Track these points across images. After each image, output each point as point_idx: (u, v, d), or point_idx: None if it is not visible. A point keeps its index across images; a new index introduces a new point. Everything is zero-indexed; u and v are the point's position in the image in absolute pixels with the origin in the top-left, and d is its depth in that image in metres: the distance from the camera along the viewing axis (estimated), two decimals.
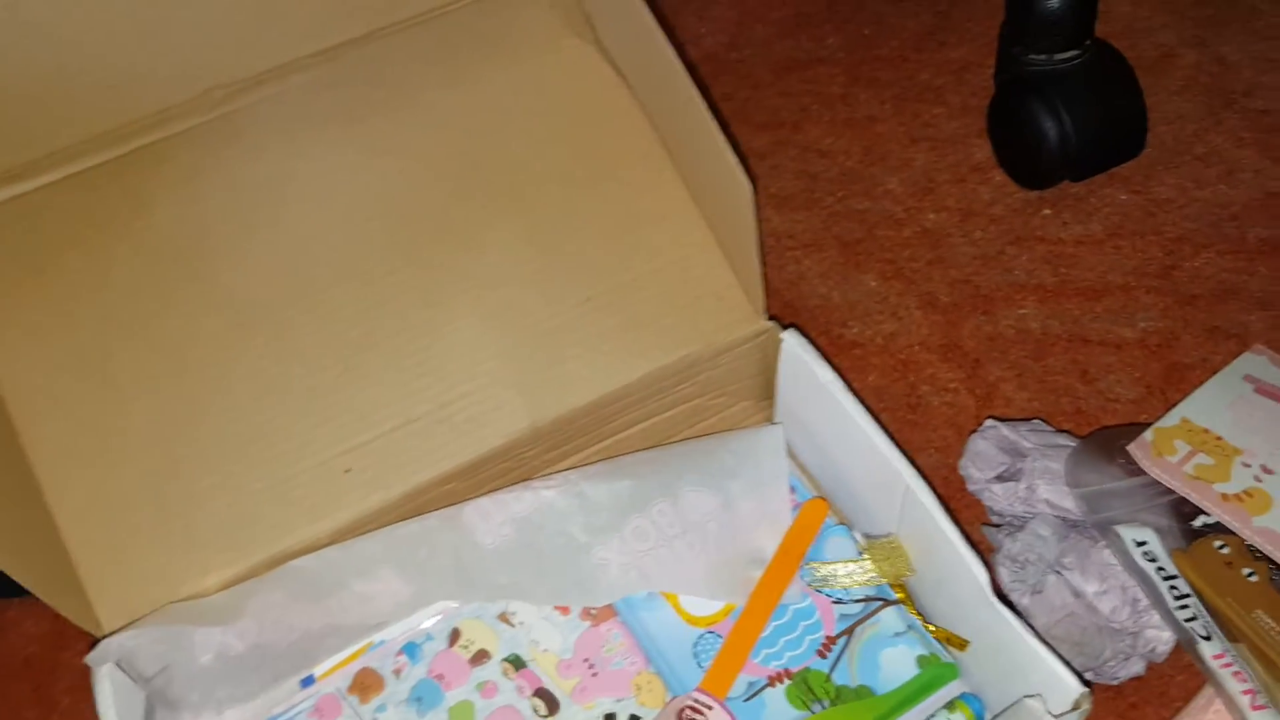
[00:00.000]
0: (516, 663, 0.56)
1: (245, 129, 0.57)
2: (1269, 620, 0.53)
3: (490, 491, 0.57)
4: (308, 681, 0.56)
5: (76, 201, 0.56)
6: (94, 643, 0.50)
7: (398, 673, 0.56)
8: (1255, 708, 0.50)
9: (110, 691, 0.48)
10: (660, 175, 0.60)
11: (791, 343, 0.57)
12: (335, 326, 0.56)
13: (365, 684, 0.56)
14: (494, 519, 0.55)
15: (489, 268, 0.57)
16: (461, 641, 0.57)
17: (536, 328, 0.57)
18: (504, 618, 0.57)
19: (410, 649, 0.56)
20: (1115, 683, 0.55)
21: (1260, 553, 0.55)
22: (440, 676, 0.56)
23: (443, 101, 0.60)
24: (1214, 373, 0.64)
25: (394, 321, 0.56)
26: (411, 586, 0.55)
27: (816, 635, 0.55)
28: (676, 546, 0.57)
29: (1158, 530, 0.56)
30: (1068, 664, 0.45)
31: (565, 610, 0.57)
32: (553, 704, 0.55)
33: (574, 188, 0.59)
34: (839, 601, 0.56)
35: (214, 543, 0.52)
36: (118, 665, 0.49)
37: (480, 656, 0.56)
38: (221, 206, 0.57)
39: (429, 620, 0.57)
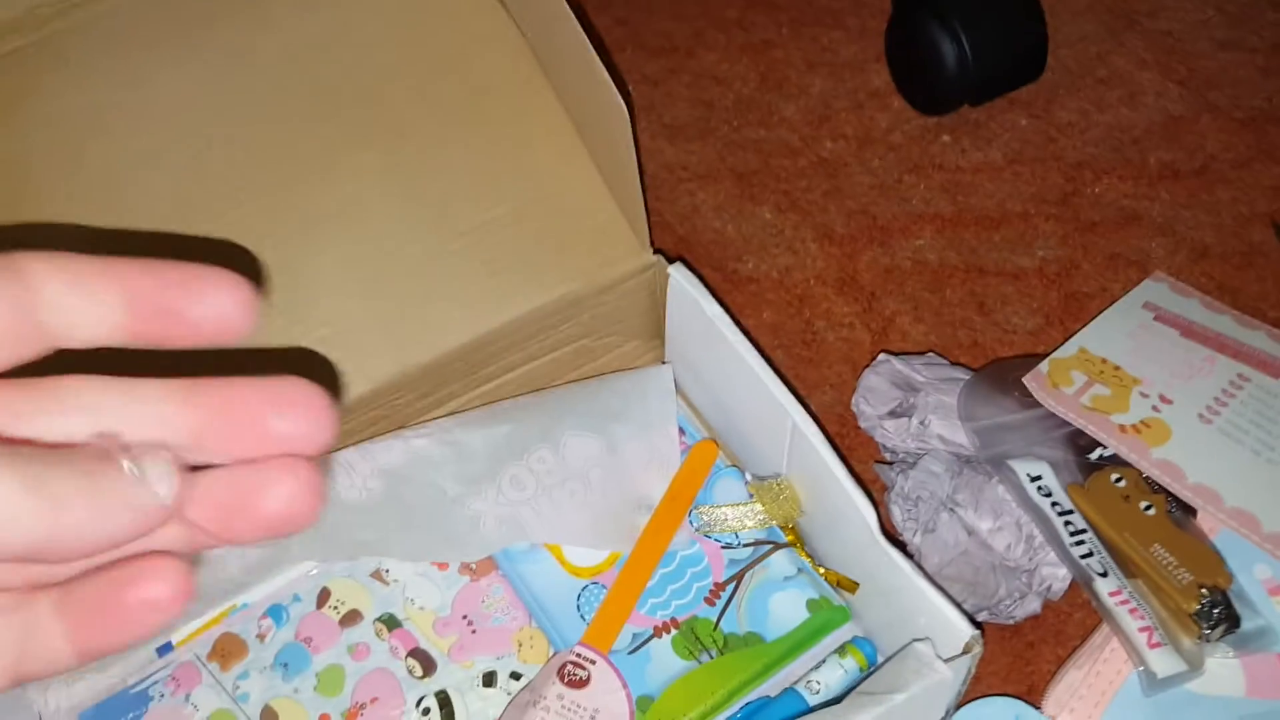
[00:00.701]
0: (390, 622, 0.53)
1: (73, 51, 0.52)
2: (1167, 554, 0.51)
3: (358, 443, 0.53)
4: (164, 649, 0.52)
5: None
6: None
7: (262, 637, 0.52)
8: (1152, 645, 0.48)
9: None
10: (537, 100, 0.56)
11: (678, 278, 0.54)
12: None
13: (226, 650, 0.52)
14: (359, 471, 0.52)
15: (348, 201, 0.53)
16: (331, 602, 0.53)
17: (403, 266, 0.53)
18: (377, 575, 0.54)
19: (275, 611, 0.53)
20: (1011, 622, 0.53)
21: (1158, 485, 0.54)
22: (308, 640, 0.53)
23: (292, 18, 0.55)
24: (1114, 301, 0.63)
25: None
26: (265, 546, 0.51)
27: (705, 582, 0.53)
28: (556, 495, 0.54)
29: (1053, 464, 0.55)
30: (959, 606, 0.44)
31: (443, 566, 0.54)
32: (429, 664, 0.52)
33: (442, 114, 0.55)
34: (728, 546, 0.53)
35: None
36: None
37: (351, 617, 0.53)
38: (49, 136, 0.52)
39: (297, 580, 0.54)
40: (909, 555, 0.45)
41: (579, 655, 0.50)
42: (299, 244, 0.52)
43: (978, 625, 0.43)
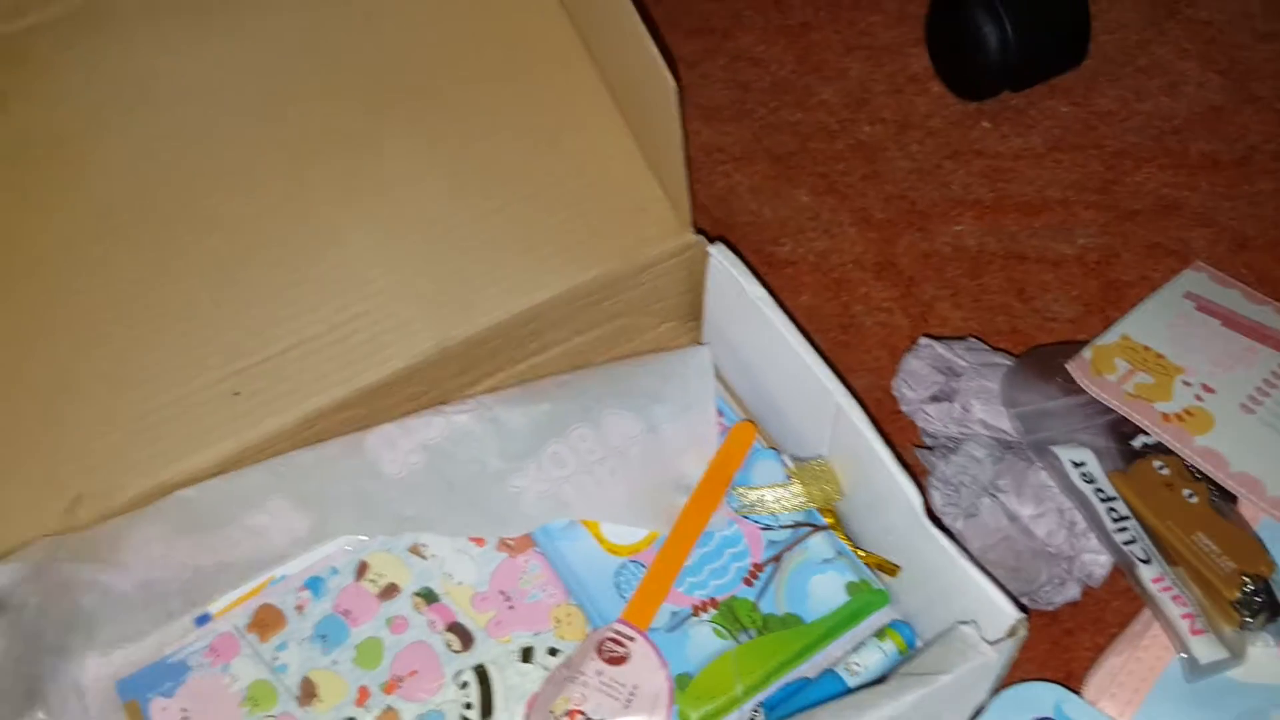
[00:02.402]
0: (428, 596, 0.53)
1: (110, 18, 0.52)
2: (1209, 543, 0.51)
3: (399, 418, 0.53)
4: (203, 620, 0.52)
5: None
6: None
7: (300, 609, 0.52)
8: (1194, 632, 0.48)
9: None
10: (578, 73, 0.56)
11: (719, 258, 0.54)
12: (214, 237, 0.51)
13: (265, 621, 0.52)
14: (401, 446, 0.52)
15: (386, 174, 0.53)
16: (369, 575, 0.53)
17: (441, 241, 0.53)
18: (415, 549, 0.54)
19: (314, 583, 0.53)
20: (1050, 608, 0.53)
21: (1200, 473, 0.53)
22: (346, 612, 0.52)
23: None
24: (1154, 290, 0.62)
25: (280, 232, 0.51)
26: (308, 519, 0.51)
27: (743, 563, 0.53)
28: (597, 473, 0.53)
29: (1095, 451, 0.54)
30: (1004, 589, 0.43)
31: (480, 541, 0.54)
32: (467, 638, 0.52)
33: (481, 86, 0.55)
34: (767, 528, 0.53)
35: (87, 473, 0.48)
36: None
37: (390, 590, 0.53)
38: (85, 105, 0.51)
39: (334, 553, 0.54)
40: (952, 539, 0.45)
41: (618, 632, 0.50)
42: (340, 219, 0.52)
43: (1023, 609, 0.43)
